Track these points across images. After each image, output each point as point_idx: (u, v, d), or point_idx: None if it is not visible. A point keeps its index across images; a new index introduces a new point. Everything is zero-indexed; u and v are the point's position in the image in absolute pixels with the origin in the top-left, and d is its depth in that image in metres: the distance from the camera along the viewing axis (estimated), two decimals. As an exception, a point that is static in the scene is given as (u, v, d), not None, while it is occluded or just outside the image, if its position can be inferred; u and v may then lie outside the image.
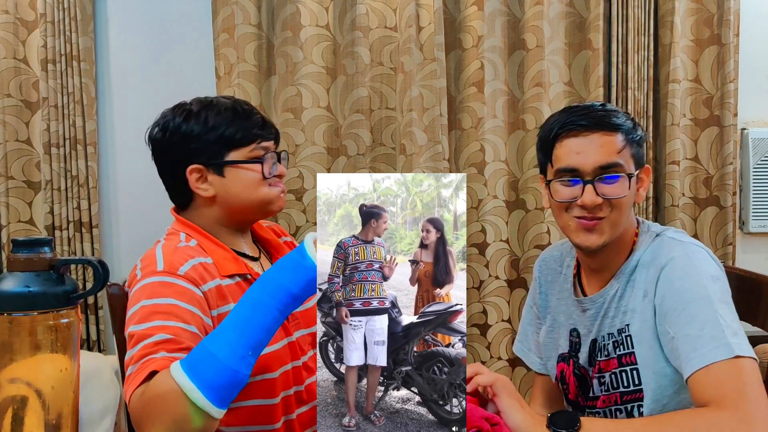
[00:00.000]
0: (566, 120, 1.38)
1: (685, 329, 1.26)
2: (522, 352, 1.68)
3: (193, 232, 1.46)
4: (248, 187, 1.45)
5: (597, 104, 1.42)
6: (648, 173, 1.46)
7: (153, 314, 1.25)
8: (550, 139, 1.41)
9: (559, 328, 1.54)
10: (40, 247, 0.97)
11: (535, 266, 1.65)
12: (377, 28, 2.68)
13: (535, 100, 2.72)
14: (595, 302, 1.44)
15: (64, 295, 0.96)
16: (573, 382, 1.49)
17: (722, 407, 1.17)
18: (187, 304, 1.29)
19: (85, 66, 2.54)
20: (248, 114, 1.48)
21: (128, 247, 2.69)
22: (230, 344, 1.08)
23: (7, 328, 0.93)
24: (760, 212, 2.89)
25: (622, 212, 1.37)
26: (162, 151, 1.49)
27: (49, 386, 0.96)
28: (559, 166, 1.38)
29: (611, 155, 1.36)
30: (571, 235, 1.40)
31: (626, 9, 2.71)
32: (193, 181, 1.46)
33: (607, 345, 1.41)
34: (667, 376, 1.33)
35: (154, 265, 1.35)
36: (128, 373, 1.20)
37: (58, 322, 0.95)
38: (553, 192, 1.40)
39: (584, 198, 1.35)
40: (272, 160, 1.47)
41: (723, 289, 1.32)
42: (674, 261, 1.34)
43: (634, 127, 1.42)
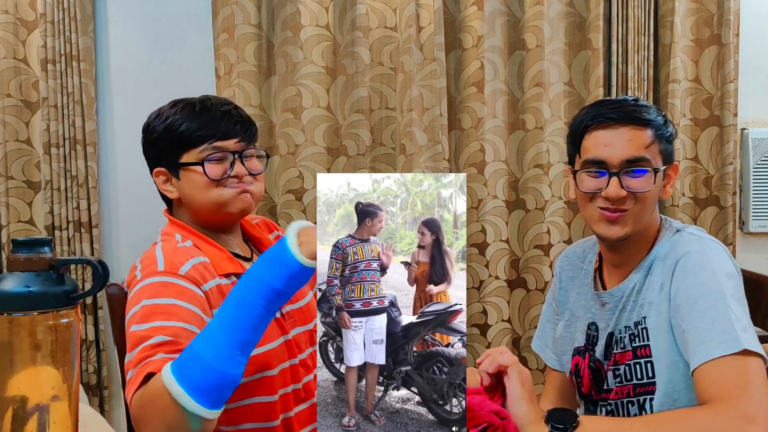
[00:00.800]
0: (597, 112, 1.40)
1: (695, 322, 1.27)
2: (540, 348, 1.69)
3: (186, 233, 1.45)
4: (198, 190, 1.42)
5: (630, 99, 1.44)
6: (676, 170, 1.47)
7: (153, 314, 1.25)
8: (579, 130, 1.42)
9: (576, 322, 1.55)
10: (40, 247, 0.96)
11: (556, 262, 1.67)
12: (377, 28, 2.68)
13: (535, 100, 2.72)
14: (614, 296, 1.45)
15: (64, 295, 0.96)
16: (587, 375, 1.50)
17: (724, 403, 1.17)
18: (188, 303, 1.29)
19: (85, 66, 2.54)
20: (204, 111, 1.42)
21: (128, 247, 2.69)
22: (216, 345, 1.06)
23: (7, 328, 0.93)
24: (760, 212, 2.89)
25: (646, 206, 1.39)
26: (143, 152, 1.50)
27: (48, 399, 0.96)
28: (587, 157, 1.40)
29: (639, 149, 1.37)
30: (594, 225, 1.42)
31: (626, 9, 2.71)
32: (160, 183, 1.47)
33: (624, 338, 1.42)
34: (680, 370, 1.33)
35: (155, 266, 1.35)
36: (128, 377, 1.20)
37: (58, 322, 0.95)
38: (579, 182, 1.41)
39: (609, 190, 1.36)
40: (227, 161, 1.41)
41: (736, 287, 1.33)
42: (690, 255, 1.35)
43: (665, 123, 1.42)
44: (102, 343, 2.59)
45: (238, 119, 1.45)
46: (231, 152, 1.42)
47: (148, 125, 1.47)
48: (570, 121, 1.48)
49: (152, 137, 1.46)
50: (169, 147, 1.43)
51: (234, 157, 1.42)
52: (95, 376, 2.58)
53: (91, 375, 2.57)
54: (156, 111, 1.48)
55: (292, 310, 1.48)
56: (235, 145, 1.43)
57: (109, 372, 2.63)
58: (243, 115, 1.47)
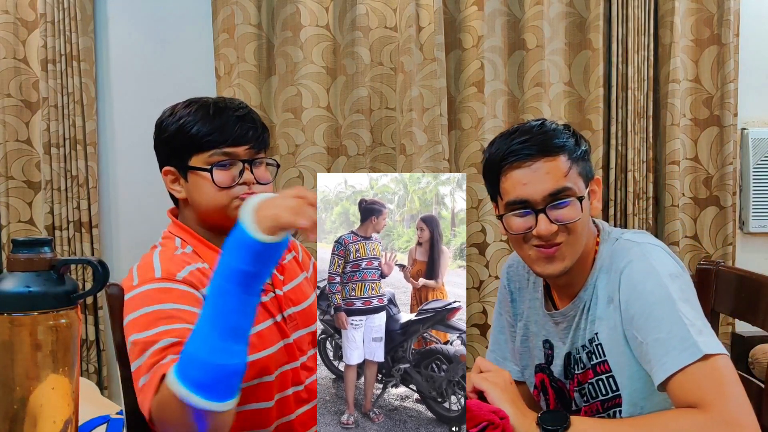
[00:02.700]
0: (507, 150, 1.34)
1: (653, 333, 1.25)
2: (496, 363, 1.61)
3: (188, 237, 1.44)
4: (204, 195, 1.40)
5: (536, 126, 1.37)
6: (599, 183, 1.42)
7: (157, 320, 1.25)
8: (494, 171, 1.37)
9: (532, 337, 1.52)
10: (40, 247, 0.96)
11: (502, 273, 1.62)
12: (377, 28, 2.68)
13: (535, 100, 2.72)
14: (567, 316, 1.42)
15: (64, 295, 0.96)
16: (551, 394, 1.48)
17: (706, 409, 1.16)
18: (190, 306, 1.29)
19: (85, 66, 2.55)
20: (217, 114, 1.40)
21: (128, 247, 2.69)
22: (206, 340, 1.09)
23: (8, 328, 0.93)
24: (760, 212, 2.89)
25: (579, 234, 1.35)
26: (154, 148, 1.49)
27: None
28: (509, 199, 1.35)
29: (559, 180, 1.32)
30: (533, 265, 1.38)
31: (626, 9, 2.71)
32: (168, 182, 1.45)
33: (582, 357, 1.40)
34: (641, 378, 1.32)
35: (152, 272, 1.34)
36: (140, 384, 1.21)
37: (58, 322, 0.95)
38: (507, 226, 1.37)
39: (539, 228, 1.32)
40: (236, 167, 1.39)
41: (683, 287, 1.30)
42: (632, 264, 1.32)
43: (576, 143, 1.37)
44: (102, 343, 2.59)
45: (251, 125, 1.42)
46: (240, 160, 1.40)
47: (161, 122, 1.45)
48: (482, 159, 1.42)
49: (163, 136, 1.44)
50: (179, 148, 1.41)
51: (243, 165, 1.40)
52: (95, 376, 2.58)
53: (92, 375, 2.57)
54: (170, 108, 1.46)
55: (295, 313, 1.47)
56: (246, 152, 1.40)
57: (109, 372, 2.64)
58: (256, 121, 1.44)
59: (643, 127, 2.74)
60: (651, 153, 2.77)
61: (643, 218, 2.75)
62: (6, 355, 0.94)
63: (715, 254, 2.78)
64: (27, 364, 0.95)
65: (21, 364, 0.94)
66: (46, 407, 0.95)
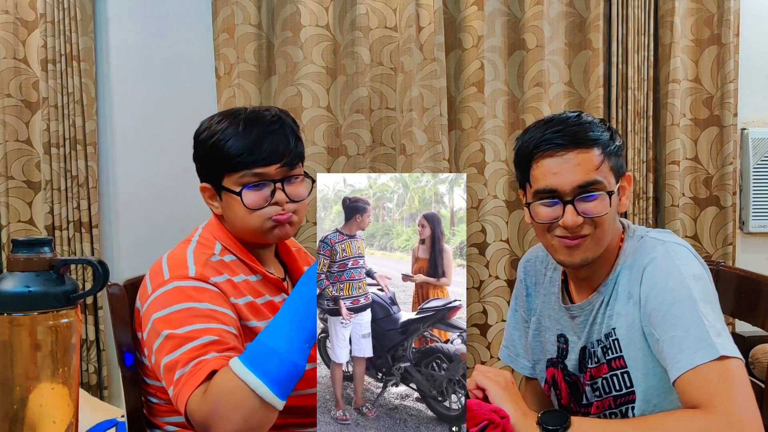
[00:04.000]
0: (540, 138, 1.34)
1: (670, 331, 1.25)
2: (509, 359, 1.64)
3: (234, 247, 1.43)
4: (236, 215, 1.40)
5: (572, 117, 1.37)
6: (629, 181, 1.42)
7: (192, 317, 1.27)
8: (525, 158, 1.37)
9: (545, 332, 1.52)
10: (40, 247, 0.97)
11: (519, 267, 1.62)
12: (377, 28, 2.68)
13: (535, 100, 2.72)
14: (584, 309, 1.42)
15: (64, 295, 0.96)
16: (565, 389, 1.48)
17: (710, 411, 1.16)
18: (223, 307, 1.31)
19: (85, 66, 2.55)
20: (249, 129, 1.37)
21: (128, 247, 2.68)
22: (289, 338, 1.12)
23: (8, 328, 0.93)
24: (760, 212, 2.89)
25: (605, 229, 1.35)
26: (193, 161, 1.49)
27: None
28: (538, 187, 1.35)
29: (589, 173, 1.32)
30: (555, 254, 1.38)
31: (626, 9, 2.71)
32: (206, 198, 1.46)
33: (596, 351, 1.40)
34: (657, 375, 1.32)
35: (185, 270, 1.35)
36: (177, 377, 1.22)
37: (58, 322, 0.95)
38: (533, 214, 1.37)
39: (565, 219, 1.32)
40: (267, 188, 1.38)
41: (706, 289, 1.30)
42: (656, 261, 1.32)
43: (611, 137, 1.37)
44: (102, 343, 2.59)
45: (283, 141, 1.39)
46: (272, 180, 1.38)
47: (198, 136, 1.45)
48: (515, 146, 1.42)
49: (199, 153, 1.45)
50: (212, 167, 1.41)
51: (275, 186, 1.38)
52: (95, 376, 2.58)
53: (92, 375, 2.57)
54: (207, 121, 1.45)
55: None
56: (277, 172, 1.39)
57: (109, 372, 2.63)
58: (289, 135, 1.41)
59: (643, 127, 2.75)
60: (651, 153, 2.77)
61: (643, 218, 2.75)
62: (6, 355, 0.94)
63: (715, 254, 2.78)
64: (27, 364, 0.95)
65: (21, 364, 0.94)
66: (45, 407, 0.95)
